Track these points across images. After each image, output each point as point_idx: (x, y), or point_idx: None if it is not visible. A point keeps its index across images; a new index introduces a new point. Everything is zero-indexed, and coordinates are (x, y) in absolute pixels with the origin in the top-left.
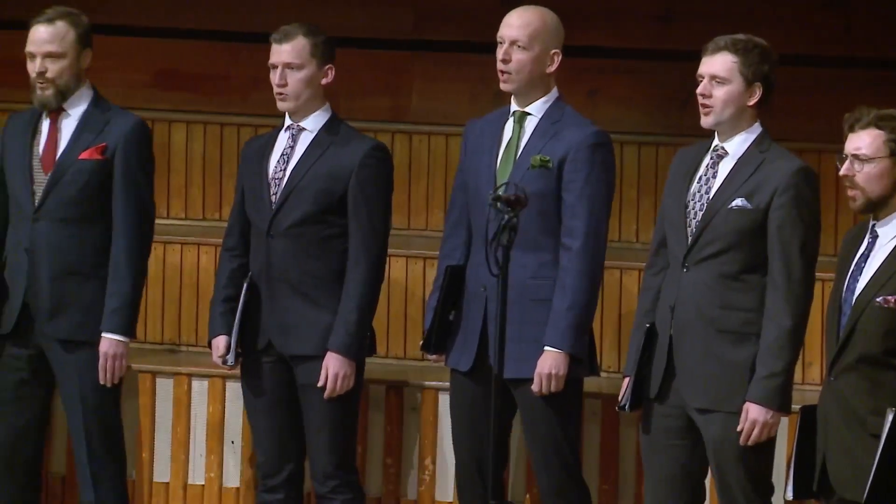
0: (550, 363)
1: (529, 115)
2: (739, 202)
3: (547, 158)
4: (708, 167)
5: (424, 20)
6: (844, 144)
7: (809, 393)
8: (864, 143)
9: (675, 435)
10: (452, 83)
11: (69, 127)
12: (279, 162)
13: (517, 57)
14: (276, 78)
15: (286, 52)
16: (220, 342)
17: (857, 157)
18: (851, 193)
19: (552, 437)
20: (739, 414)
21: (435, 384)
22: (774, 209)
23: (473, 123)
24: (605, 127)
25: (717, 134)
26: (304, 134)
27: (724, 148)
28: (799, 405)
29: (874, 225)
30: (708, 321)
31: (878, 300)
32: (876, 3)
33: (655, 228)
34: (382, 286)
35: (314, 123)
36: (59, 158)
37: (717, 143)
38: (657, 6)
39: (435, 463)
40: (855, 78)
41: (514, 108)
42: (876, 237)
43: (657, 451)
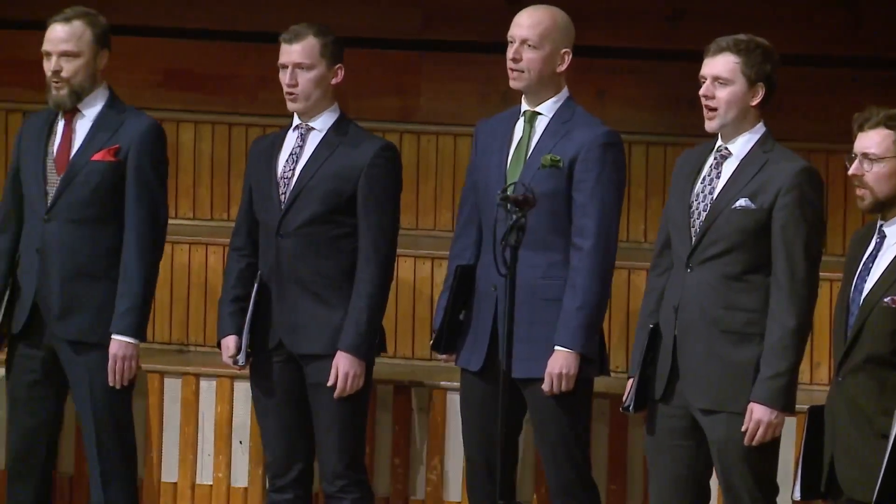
0: (561, 363)
1: (540, 114)
2: (743, 202)
3: (557, 158)
4: (711, 168)
5: (432, 20)
6: (854, 144)
7: (817, 393)
8: (873, 142)
9: (679, 436)
10: (460, 83)
11: (83, 128)
12: (288, 161)
13: (527, 56)
14: (286, 78)
15: (296, 51)
16: (229, 342)
17: (866, 156)
18: (860, 193)
19: (562, 436)
20: (744, 414)
21: (443, 384)
22: (778, 209)
23: (484, 123)
24: (613, 127)
25: (720, 134)
26: (313, 134)
27: (727, 148)
28: (807, 405)
29: (882, 225)
30: (712, 321)
31: (885, 300)
32: (885, 2)
33: (659, 229)
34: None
35: (323, 123)
36: (72, 159)
37: (720, 143)
38: (665, 6)
39: (443, 463)
40: (864, 78)
41: (524, 107)
42: (884, 237)
43: (662, 451)
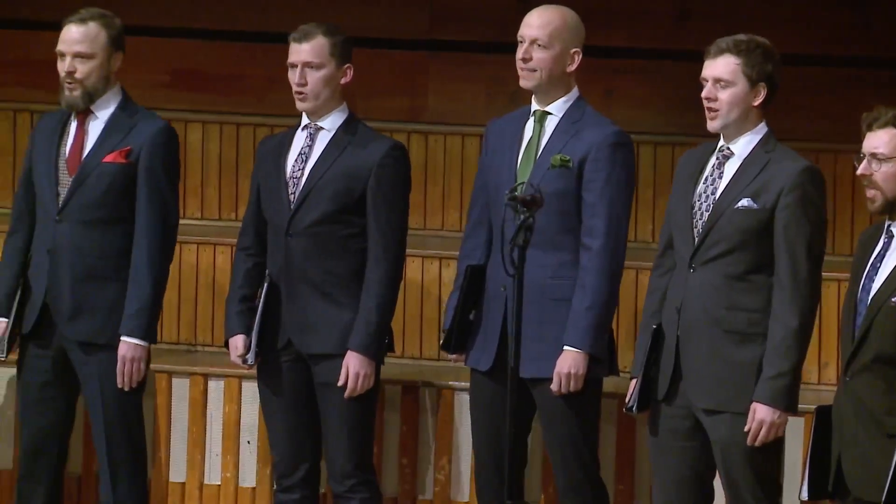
0: (570, 363)
1: (550, 114)
2: (745, 202)
3: (567, 158)
4: (714, 168)
5: (440, 20)
6: (862, 144)
7: (825, 393)
8: (881, 142)
9: (682, 436)
10: (468, 83)
11: (96, 129)
12: (297, 161)
13: (537, 56)
14: (295, 77)
15: (306, 51)
16: (237, 342)
17: (874, 156)
18: (870, 194)
19: (571, 436)
20: (746, 414)
21: (451, 384)
22: (780, 209)
23: (495, 123)
24: (620, 127)
25: (722, 135)
26: (322, 133)
27: (729, 148)
28: (815, 405)
29: (889, 225)
30: (714, 322)
31: (893, 300)
32: (893, 3)
33: (661, 230)
34: None
35: (332, 123)
36: (83, 160)
37: (722, 143)
38: (673, 6)
39: (451, 463)
40: (872, 78)
41: (534, 107)
42: (892, 237)
43: (665, 452)
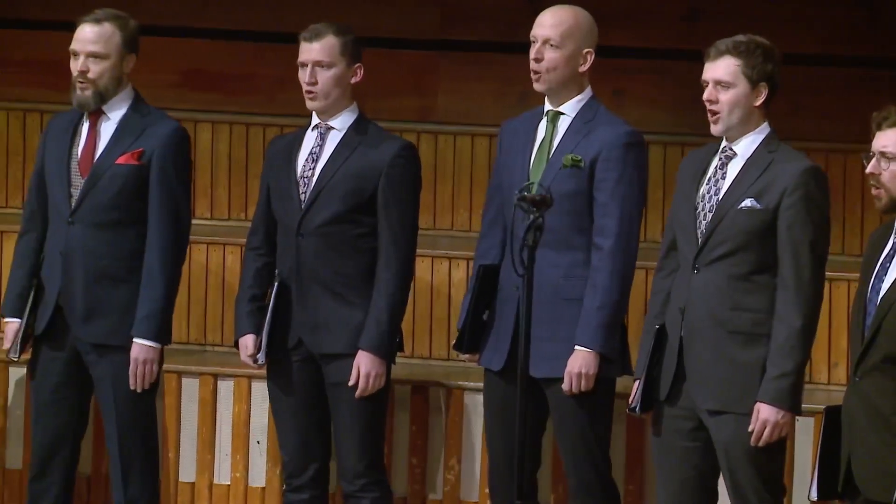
0: (580, 362)
1: (563, 114)
2: (749, 203)
3: (578, 158)
4: (717, 168)
5: (451, 20)
6: (872, 143)
7: (835, 393)
8: (890, 141)
9: (686, 437)
10: (479, 83)
11: (108, 131)
12: (308, 161)
13: (549, 56)
14: (305, 76)
15: (316, 50)
16: (248, 341)
17: (883, 155)
18: (876, 192)
19: (582, 436)
20: (750, 415)
21: (460, 384)
22: (784, 209)
23: (509, 123)
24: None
25: (725, 135)
26: (332, 133)
27: (732, 149)
28: (824, 405)
29: None
30: (718, 322)
31: None
32: None
33: (665, 231)
34: None
35: (342, 123)
36: (96, 162)
37: (725, 144)
38: (682, 6)
39: (460, 463)
40: (883, 77)
41: (547, 107)
42: None
43: (668, 453)
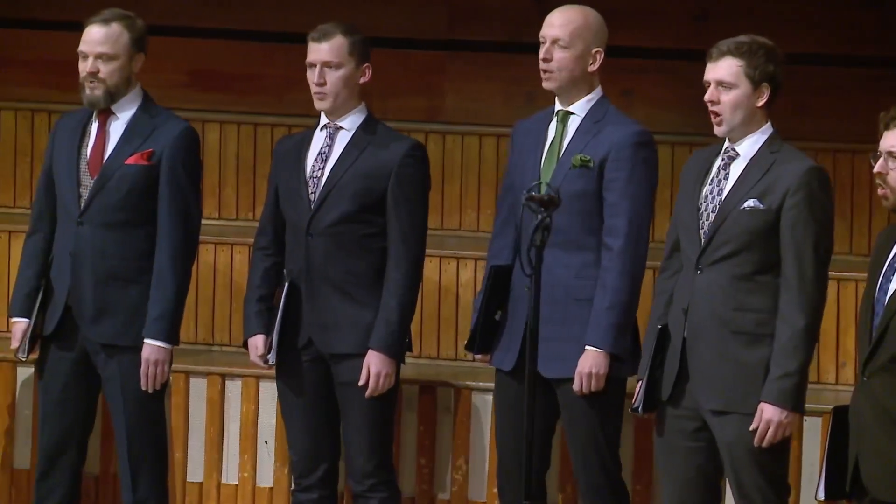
0: (591, 362)
1: (572, 114)
2: (752, 203)
3: (587, 158)
4: (719, 169)
5: (458, 20)
6: (879, 143)
7: (843, 393)
8: None
9: (689, 437)
10: (486, 83)
11: (117, 131)
12: (317, 161)
13: (558, 55)
14: (314, 76)
15: (324, 50)
16: (257, 341)
17: (891, 154)
18: (882, 192)
19: (592, 436)
20: (754, 415)
21: (468, 384)
22: (787, 209)
23: (521, 123)
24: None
25: (727, 136)
26: (341, 133)
27: (735, 149)
28: (832, 405)
29: None
30: (722, 323)
31: None
32: None
33: (668, 232)
34: None
35: (351, 123)
36: (105, 162)
37: (728, 144)
38: (692, 6)
39: (468, 463)
40: (891, 77)
41: (557, 107)
42: None
43: (672, 453)
